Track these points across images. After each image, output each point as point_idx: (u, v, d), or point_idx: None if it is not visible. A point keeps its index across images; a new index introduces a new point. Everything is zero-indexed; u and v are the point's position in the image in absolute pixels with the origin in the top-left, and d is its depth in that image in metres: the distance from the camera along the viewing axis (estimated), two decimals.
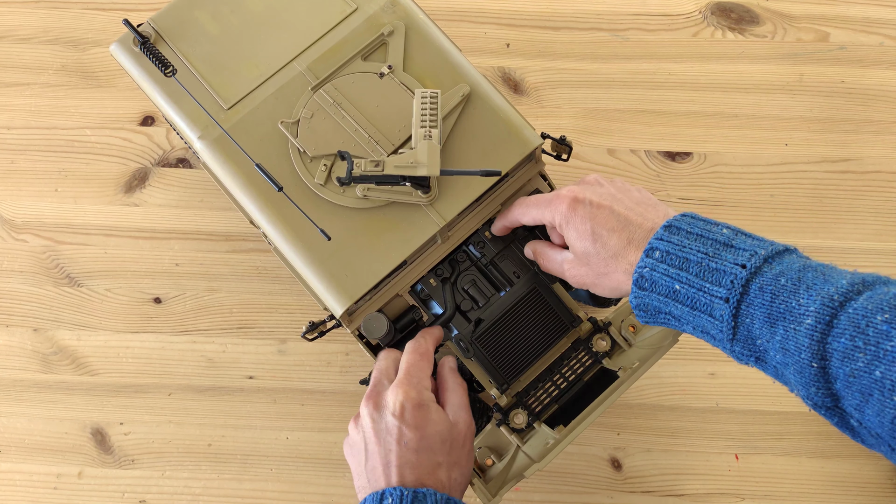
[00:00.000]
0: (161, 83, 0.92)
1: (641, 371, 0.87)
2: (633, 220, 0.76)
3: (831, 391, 0.62)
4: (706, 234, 0.70)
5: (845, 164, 1.18)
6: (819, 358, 0.61)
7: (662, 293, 0.71)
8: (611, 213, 0.77)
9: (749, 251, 0.67)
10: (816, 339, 0.61)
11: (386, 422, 0.79)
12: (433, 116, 0.84)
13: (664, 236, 0.71)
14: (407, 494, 0.73)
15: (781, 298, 0.64)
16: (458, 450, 0.81)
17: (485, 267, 0.92)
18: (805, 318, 0.62)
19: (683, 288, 0.69)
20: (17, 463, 1.09)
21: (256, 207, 0.87)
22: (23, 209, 1.18)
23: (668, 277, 0.70)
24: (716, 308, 0.67)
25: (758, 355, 0.67)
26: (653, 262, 0.71)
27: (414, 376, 0.82)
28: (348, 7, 0.94)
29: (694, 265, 0.69)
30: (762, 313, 0.65)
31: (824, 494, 1.05)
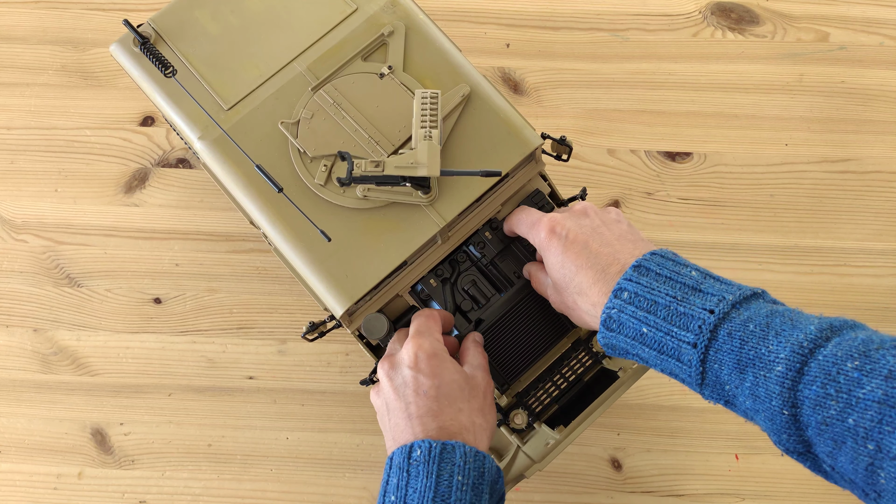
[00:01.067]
0: (161, 83, 0.92)
1: (642, 372, 0.87)
2: (604, 259, 0.75)
3: (803, 438, 0.61)
4: (675, 276, 0.70)
5: (845, 164, 1.18)
6: (790, 405, 0.61)
7: (629, 335, 0.70)
8: (584, 248, 0.77)
9: (717, 296, 0.67)
10: (787, 386, 0.61)
11: (402, 376, 0.80)
12: (433, 117, 0.84)
13: (633, 277, 0.71)
14: (435, 446, 0.73)
15: (751, 345, 0.64)
16: (478, 399, 0.81)
17: (485, 267, 0.92)
18: (775, 366, 0.62)
19: (651, 331, 0.69)
20: (17, 463, 1.09)
21: (256, 208, 0.87)
22: (23, 209, 1.18)
23: (635, 320, 0.70)
24: (683, 353, 0.67)
25: (727, 399, 0.67)
26: (621, 303, 0.71)
27: (425, 331, 0.83)
28: (348, 7, 0.94)
29: (662, 308, 0.69)
30: (731, 359, 0.64)
31: (824, 494, 1.05)
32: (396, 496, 0.73)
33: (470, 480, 0.73)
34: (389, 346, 0.86)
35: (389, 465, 0.75)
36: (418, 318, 0.86)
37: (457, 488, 0.72)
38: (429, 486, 0.72)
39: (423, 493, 0.71)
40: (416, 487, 0.72)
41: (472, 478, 0.73)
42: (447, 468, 0.72)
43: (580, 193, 0.98)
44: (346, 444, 1.09)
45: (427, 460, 0.73)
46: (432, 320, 0.86)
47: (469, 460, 0.74)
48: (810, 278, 1.13)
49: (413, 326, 0.85)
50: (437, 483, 0.72)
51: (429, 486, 0.72)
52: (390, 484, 0.74)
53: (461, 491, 0.72)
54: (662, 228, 1.15)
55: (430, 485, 0.72)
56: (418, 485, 0.72)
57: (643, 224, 1.16)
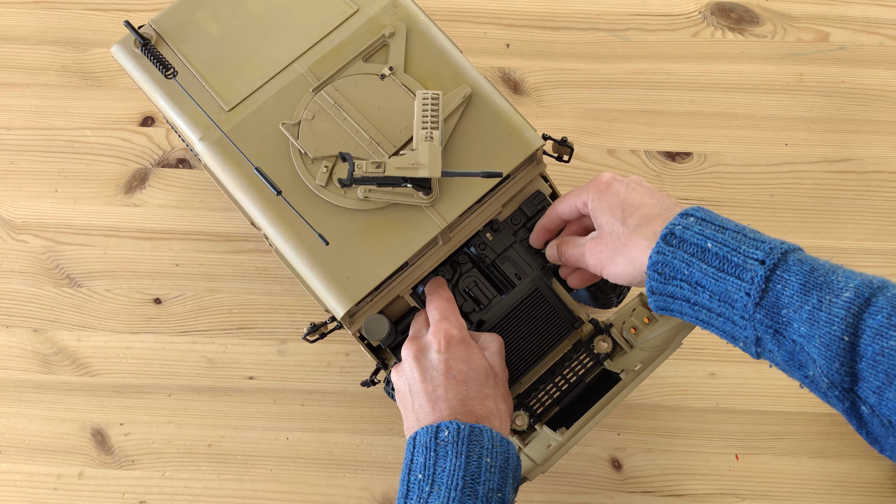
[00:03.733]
0: (162, 85, 0.92)
1: (646, 374, 0.87)
2: (665, 202, 0.76)
3: (853, 370, 0.62)
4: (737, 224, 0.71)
5: (845, 164, 1.18)
6: (851, 332, 0.61)
7: (689, 251, 0.70)
8: (646, 191, 0.78)
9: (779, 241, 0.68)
10: (853, 312, 0.61)
11: (430, 359, 0.80)
12: (434, 118, 0.84)
13: (699, 211, 0.72)
14: (464, 428, 0.74)
15: (820, 272, 0.64)
16: (501, 386, 0.82)
17: (486, 268, 0.92)
18: (844, 292, 0.62)
19: (716, 247, 0.68)
20: (17, 463, 1.09)
21: (257, 209, 0.87)
22: (23, 210, 1.18)
23: (701, 236, 0.69)
24: (747, 269, 0.67)
25: (778, 327, 0.66)
26: (687, 221, 0.71)
27: (450, 317, 0.84)
28: (349, 8, 0.94)
29: (731, 231, 0.69)
30: (798, 280, 0.64)
31: (824, 494, 1.05)
32: (424, 474, 0.73)
33: (498, 463, 0.73)
34: (412, 329, 0.87)
35: (413, 445, 0.76)
36: (438, 301, 0.86)
37: (486, 469, 0.72)
38: (459, 465, 0.72)
39: (453, 471, 0.72)
40: (444, 466, 0.73)
41: (499, 460, 0.74)
42: (476, 449, 0.73)
43: None
44: (346, 444, 1.09)
45: (456, 440, 0.73)
46: (452, 303, 0.87)
47: (496, 444, 0.74)
48: None
49: (434, 311, 0.85)
50: (466, 463, 0.72)
51: (459, 465, 0.72)
52: (415, 462, 0.74)
53: (490, 472, 0.73)
54: None
55: (461, 464, 0.72)
56: (447, 464, 0.72)
57: None
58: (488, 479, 0.72)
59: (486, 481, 0.72)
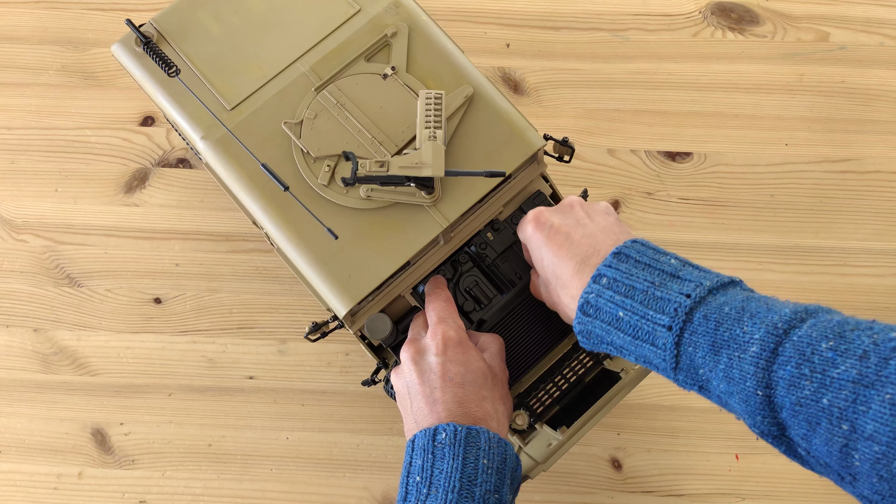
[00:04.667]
0: (163, 84, 0.92)
1: (646, 373, 0.87)
2: (584, 249, 0.76)
3: (777, 420, 0.61)
4: (654, 263, 0.70)
5: (846, 164, 1.18)
6: (764, 386, 0.61)
7: (606, 320, 0.71)
8: (566, 239, 0.78)
9: (695, 282, 0.67)
10: (762, 366, 0.61)
11: (428, 362, 0.81)
12: (437, 117, 0.84)
13: (612, 263, 0.71)
14: (461, 430, 0.74)
15: (725, 326, 0.64)
16: (499, 388, 0.83)
17: (486, 268, 0.92)
18: (750, 346, 0.62)
19: (627, 315, 0.69)
20: (17, 463, 1.09)
21: (259, 208, 0.87)
22: (23, 209, 1.18)
23: (612, 304, 0.70)
24: (658, 336, 0.67)
25: (701, 384, 0.67)
26: (599, 288, 0.71)
27: (448, 319, 0.85)
28: (351, 8, 0.94)
29: (639, 293, 0.69)
30: (706, 341, 0.64)
31: (824, 494, 1.05)
32: (422, 477, 0.73)
33: (495, 464, 0.74)
34: (411, 330, 0.88)
35: (412, 448, 0.76)
36: (436, 302, 0.87)
37: (483, 471, 0.73)
38: (456, 468, 0.72)
39: (450, 474, 0.72)
40: (441, 469, 0.73)
41: (496, 462, 0.74)
42: (473, 451, 0.73)
43: (581, 195, 0.98)
44: (346, 444, 1.09)
45: (453, 443, 0.74)
46: (451, 304, 0.87)
47: (493, 445, 0.75)
48: (811, 278, 1.13)
49: (433, 312, 0.86)
50: (463, 465, 0.73)
51: (455, 467, 0.72)
52: (414, 465, 0.75)
53: (487, 473, 0.73)
54: (663, 228, 1.15)
55: (457, 466, 0.72)
56: (444, 466, 0.73)
57: (643, 224, 1.16)
58: (485, 480, 0.73)
59: (483, 483, 0.72)
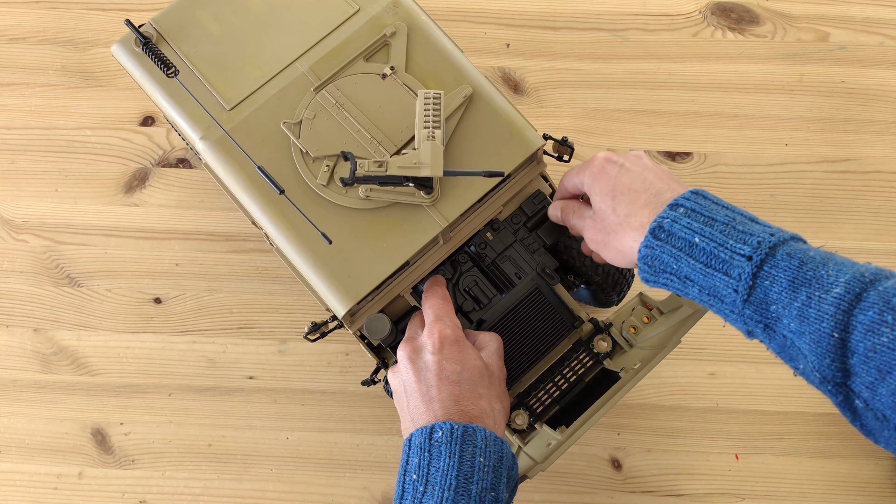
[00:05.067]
0: (163, 84, 0.92)
1: (644, 372, 0.87)
2: (657, 186, 0.75)
3: (845, 365, 0.61)
4: (731, 207, 0.70)
5: (845, 164, 1.18)
6: (841, 328, 0.61)
7: (677, 246, 0.69)
8: (638, 175, 0.77)
9: (775, 228, 0.67)
10: (843, 308, 0.61)
11: (424, 360, 0.81)
12: (436, 117, 0.84)
13: (691, 197, 0.71)
14: (457, 428, 0.74)
15: (809, 266, 0.63)
16: (496, 386, 0.82)
17: (486, 268, 0.92)
18: (834, 287, 0.62)
19: (703, 242, 0.68)
20: (17, 463, 1.09)
21: (259, 208, 0.87)
22: (23, 209, 1.18)
23: (689, 230, 0.69)
24: (734, 265, 0.66)
25: (767, 322, 0.66)
26: (676, 214, 0.70)
27: (444, 317, 0.84)
28: (350, 8, 0.94)
29: (720, 224, 0.68)
30: (786, 276, 0.64)
31: (824, 494, 1.05)
32: (418, 475, 0.73)
33: (491, 462, 0.74)
34: (408, 330, 0.87)
35: (409, 446, 0.76)
36: (433, 299, 0.87)
37: (479, 468, 0.73)
38: (452, 465, 0.72)
39: (447, 471, 0.72)
40: (438, 466, 0.73)
41: (492, 460, 0.74)
42: (469, 449, 0.73)
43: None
44: (346, 444, 1.09)
45: (449, 441, 0.73)
46: (447, 302, 0.87)
47: (490, 443, 0.74)
48: None
49: (429, 310, 0.86)
50: (459, 463, 0.72)
51: (452, 464, 0.72)
52: (410, 464, 0.75)
53: (483, 471, 0.73)
54: None
55: (454, 464, 0.72)
56: (441, 464, 0.73)
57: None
58: (481, 478, 0.72)
59: (480, 481, 0.72)
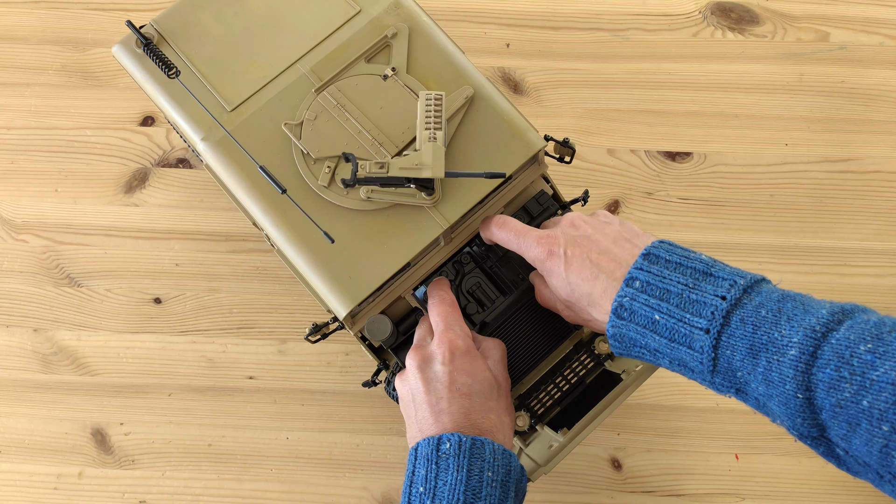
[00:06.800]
0: (164, 85, 0.92)
1: (647, 374, 0.87)
2: (607, 266, 0.75)
3: (817, 421, 0.62)
4: (684, 261, 0.70)
5: (845, 164, 1.18)
6: (804, 389, 0.61)
7: (641, 323, 0.70)
8: (584, 261, 0.76)
9: (728, 280, 0.67)
10: (801, 370, 0.61)
11: (435, 371, 0.80)
12: (438, 118, 0.84)
13: (644, 266, 0.71)
14: (465, 441, 0.73)
15: (763, 329, 0.64)
16: (504, 398, 0.82)
17: (489, 269, 0.92)
18: (789, 350, 0.62)
19: (663, 318, 0.69)
20: (17, 463, 1.09)
21: (260, 209, 0.87)
22: (23, 209, 1.18)
23: (647, 307, 0.70)
24: (696, 339, 0.67)
25: (738, 387, 0.67)
26: (633, 291, 0.71)
27: (455, 326, 0.83)
28: (352, 9, 0.94)
29: (674, 296, 0.68)
30: (744, 345, 0.65)
31: (824, 494, 1.06)
32: (425, 487, 0.73)
33: (499, 477, 0.73)
34: (417, 335, 0.87)
35: (415, 456, 0.75)
36: (440, 306, 0.86)
37: (487, 483, 0.72)
38: (460, 480, 0.72)
39: (455, 485, 0.72)
40: (446, 480, 0.72)
41: (500, 474, 0.73)
42: (477, 463, 0.73)
43: (582, 196, 0.98)
44: (346, 444, 1.09)
45: (457, 454, 0.73)
46: (456, 309, 0.86)
47: (498, 457, 0.74)
48: (810, 278, 1.13)
49: (438, 319, 0.85)
50: (468, 477, 0.72)
51: (460, 479, 0.72)
52: (417, 475, 0.74)
53: (491, 486, 0.72)
54: (663, 228, 1.15)
55: (462, 478, 0.72)
56: (448, 478, 0.72)
57: (643, 224, 1.16)
58: (490, 493, 0.72)
59: (488, 496, 0.72)
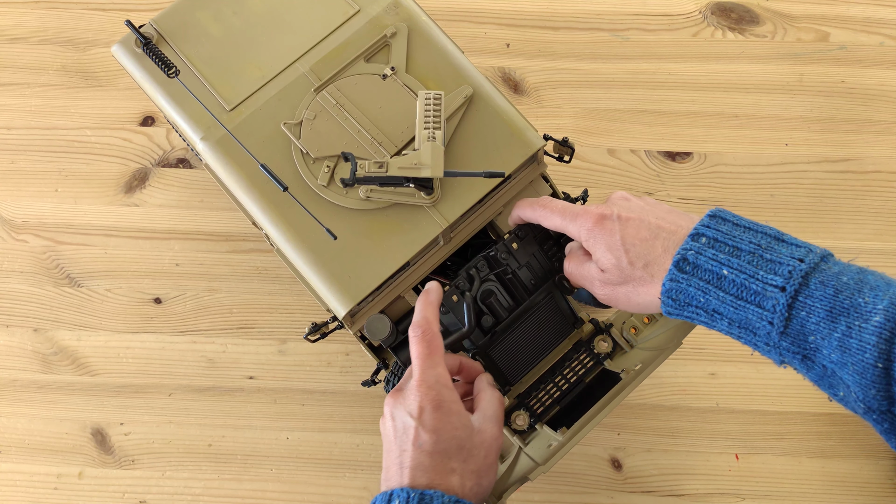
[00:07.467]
0: (163, 84, 0.92)
1: (646, 373, 0.87)
2: (666, 228, 0.72)
3: (890, 394, 0.60)
4: (754, 226, 0.68)
5: (845, 164, 1.18)
6: (885, 358, 0.59)
7: (705, 278, 0.67)
8: (640, 223, 0.73)
9: (804, 248, 0.65)
10: (885, 337, 0.59)
11: (404, 422, 0.76)
12: (437, 118, 0.84)
13: (710, 224, 0.68)
14: (413, 496, 0.71)
15: (845, 294, 0.61)
16: (478, 459, 0.77)
17: (506, 278, 0.89)
18: (873, 316, 0.60)
19: (732, 273, 0.65)
20: (17, 463, 1.09)
21: (259, 209, 0.87)
22: (23, 209, 1.18)
23: (715, 262, 0.66)
24: (768, 297, 0.64)
25: (806, 353, 0.64)
26: (699, 245, 0.67)
27: (431, 375, 0.77)
28: (351, 9, 0.94)
29: (746, 254, 0.65)
30: (822, 307, 0.62)
31: (824, 494, 1.05)
32: None
33: None
34: (405, 376, 0.81)
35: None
36: (419, 346, 0.79)
37: None
38: None
39: None
40: None
41: None
42: None
43: (582, 195, 0.98)
44: (346, 444, 1.09)
45: None
46: (437, 353, 0.79)
47: None
48: None
49: (417, 360, 0.78)
50: None
51: None
52: None
53: None
54: None
55: None
56: None
57: None
58: None
59: None
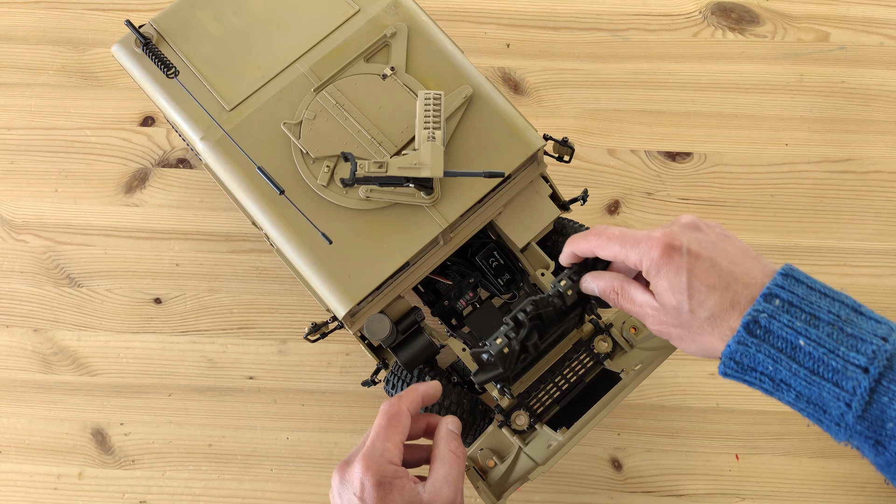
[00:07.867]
0: (163, 84, 0.92)
1: (646, 373, 0.87)
2: (739, 278, 0.66)
3: None
4: (830, 293, 0.63)
5: (845, 164, 1.18)
6: None
7: (777, 346, 0.62)
8: (711, 266, 0.66)
9: (885, 324, 0.61)
10: None
11: (348, 498, 0.74)
12: (437, 118, 0.84)
13: (784, 284, 0.63)
14: None
15: None
16: None
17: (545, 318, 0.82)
18: None
19: (809, 345, 0.60)
20: (17, 463, 1.09)
21: (259, 209, 0.87)
22: (23, 209, 1.18)
23: (791, 330, 0.61)
24: (848, 377, 0.59)
25: (880, 439, 0.60)
26: (773, 308, 0.62)
27: (378, 448, 0.74)
28: (350, 9, 0.94)
29: (825, 324, 0.61)
30: None
31: (824, 494, 1.05)
32: None
33: None
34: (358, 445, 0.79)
35: None
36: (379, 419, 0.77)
37: None
38: None
39: None
40: None
41: None
42: None
43: (582, 195, 0.98)
44: (346, 444, 1.09)
45: None
46: (393, 426, 0.76)
47: None
48: None
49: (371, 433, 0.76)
50: None
51: None
52: None
53: None
54: None
55: None
56: None
57: (643, 224, 1.16)
58: None
59: None
